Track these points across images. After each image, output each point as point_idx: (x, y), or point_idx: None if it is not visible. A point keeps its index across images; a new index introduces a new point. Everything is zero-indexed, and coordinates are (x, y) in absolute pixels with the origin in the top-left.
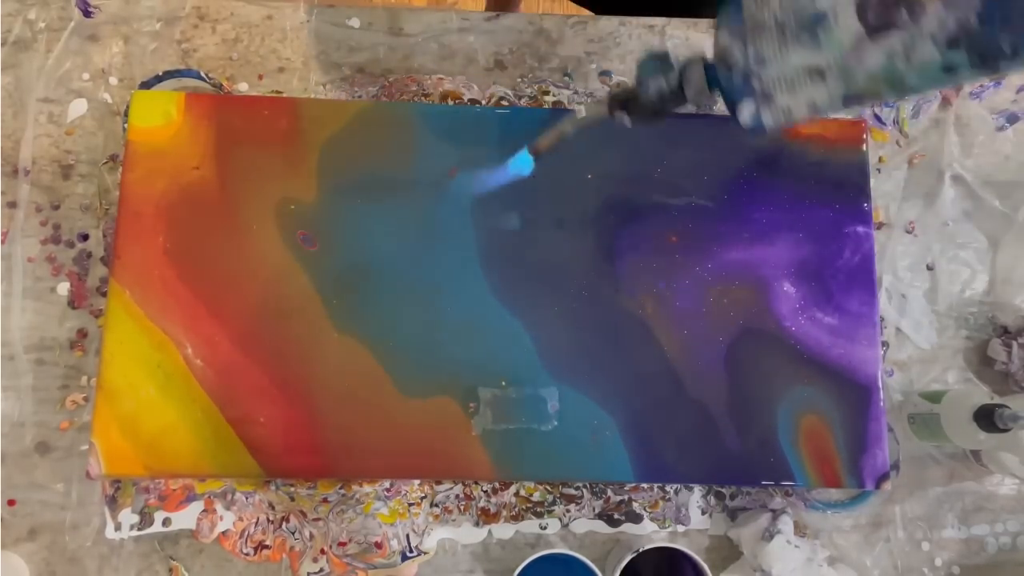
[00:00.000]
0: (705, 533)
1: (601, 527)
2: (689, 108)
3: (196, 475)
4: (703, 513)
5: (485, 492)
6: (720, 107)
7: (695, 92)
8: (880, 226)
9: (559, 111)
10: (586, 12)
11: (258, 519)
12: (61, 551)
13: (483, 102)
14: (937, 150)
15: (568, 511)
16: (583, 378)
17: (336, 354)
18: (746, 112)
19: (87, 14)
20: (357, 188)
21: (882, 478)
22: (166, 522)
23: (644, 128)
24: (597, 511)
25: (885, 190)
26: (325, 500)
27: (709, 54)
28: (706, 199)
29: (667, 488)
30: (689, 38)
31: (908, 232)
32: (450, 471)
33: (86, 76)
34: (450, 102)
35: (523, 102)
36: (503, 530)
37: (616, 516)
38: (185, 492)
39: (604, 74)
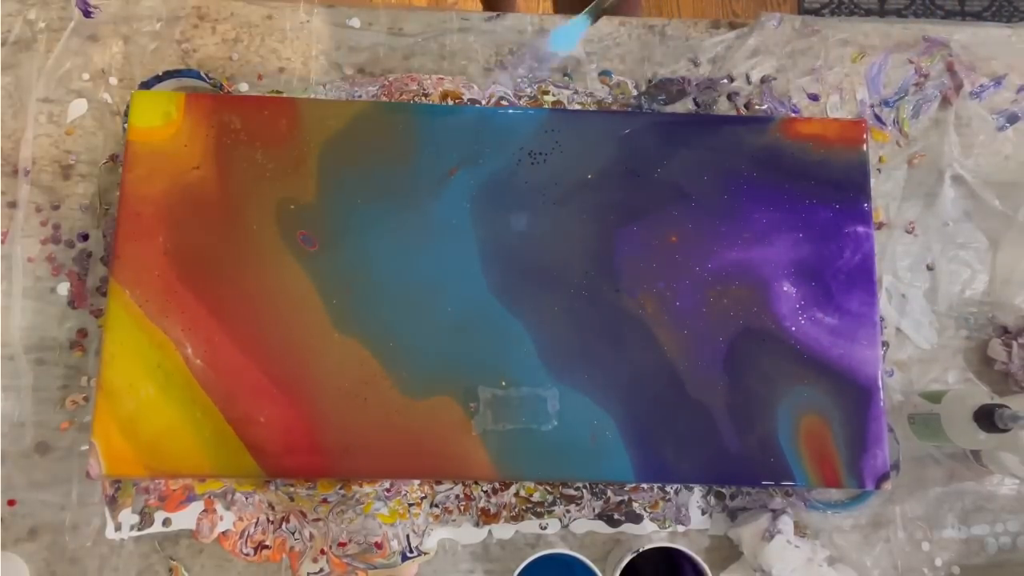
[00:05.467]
0: (705, 533)
1: (601, 527)
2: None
3: (196, 475)
4: (703, 513)
5: (485, 492)
6: (720, 108)
7: None
8: (880, 226)
9: (559, 111)
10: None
11: (258, 519)
12: (61, 551)
13: (483, 102)
14: (937, 150)
15: (568, 511)
16: (583, 378)
17: (336, 354)
18: None
19: (87, 14)
20: (357, 188)
21: (882, 478)
22: (166, 522)
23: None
24: (597, 511)
25: (885, 190)
26: (325, 500)
27: None
28: (706, 199)
29: (667, 488)
30: (689, 38)
31: (908, 232)
32: (450, 471)
33: (86, 76)
34: (450, 102)
35: (523, 102)
36: (503, 530)
37: (616, 516)
38: (185, 492)
39: (604, 74)
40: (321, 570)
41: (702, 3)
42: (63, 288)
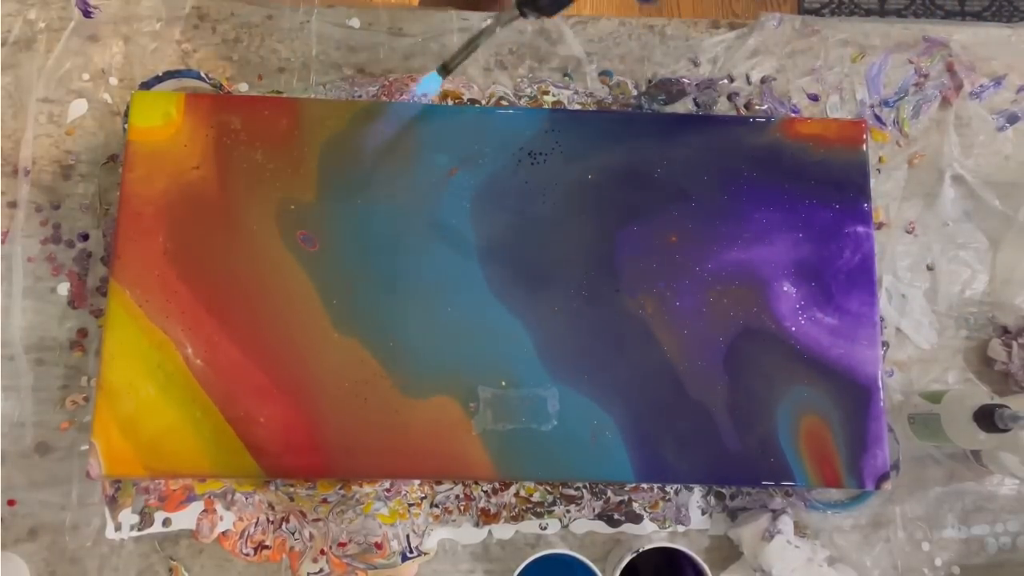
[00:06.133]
0: (705, 533)
1: (601, 527)
2: None
3: (196, 475)
4: (703, 513)
5: (485, 492)
6: (720, 108)
7: None
8: (880, 226)
9: (559, 111)
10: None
11: (258, 519)
12: (61, 551)
13: (483, 102)
14: (937, 150)
15: (568, 511)
16: (583, 378)
17: (336, 354)
18: None
19: (87, 14)
20: (357, 188)
21: (882, 478)
22: (166, 522)
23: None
24: (597, 511)
25: (885, 190)
26: (325, 500)
27: None
28: (706, 199)
29: (667, 488)
30: (689, 38)
31: (908, 232)
32: (450, 471)
33: (86, 76)
34: (450, 102)
35: (523, 102)
36: (503, 530)
37: (616, 516)
38: (185, 492)
39: (604, 74)
40: (321, 570)
41: (702, 3)
42: (63, 288)
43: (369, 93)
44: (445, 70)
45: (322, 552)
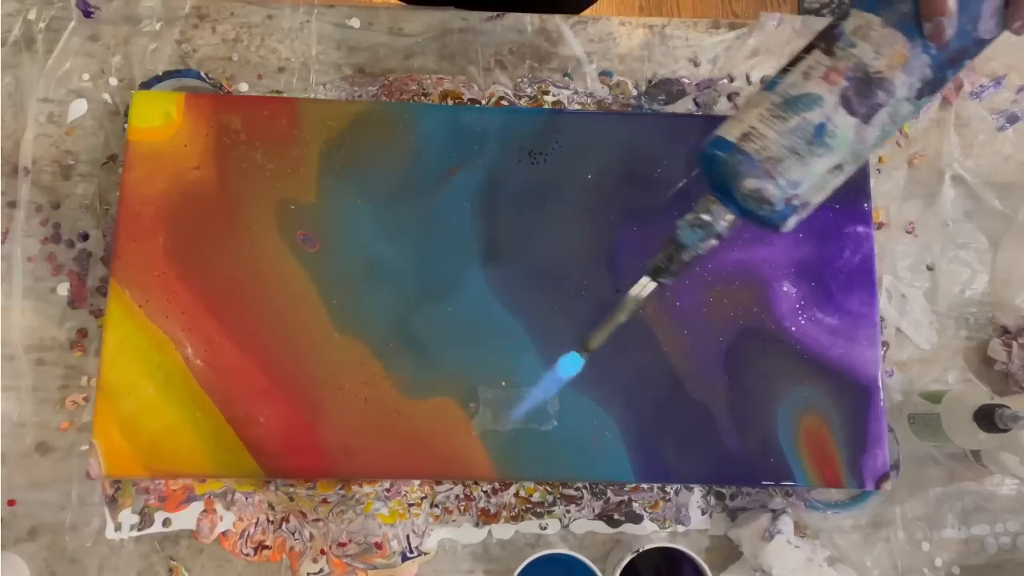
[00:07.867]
0: (705, 533)
1: (601, 527)
2: None
3: (196, 475)
4: (703, 513)
5: (485, 492)
6: (720, 108)
7: (729, 231)
8: (880, 226)
9: (559, 111)
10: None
11: (258, 519)
12: (61, 551)
13: (483, 102)
14: (937, 150)
15: (568, 511)
16: (583, 378)
17: (336, 354)
18: (791, 223)
19: (87, 14)
20: (357, 188)
21: (882, 478)
22: (166, 522)
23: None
24: (597, 511)
25: (885, 190)
26: (325, 500)
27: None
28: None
29: (667, 488)
30: (689, 38)
31: (908, 232)
32: (450, 471)
33: (86, 76)
34: (450, 102)
35: (523, 102)
36: (503, 530)
37: (616, 516)
38: (185, 492)
39: (604, 74)
40: (321, 570)
41: (702, 3)
42: (63, 288)
43: (369, 93)
44: (586, 349)
45: (322, 552)
